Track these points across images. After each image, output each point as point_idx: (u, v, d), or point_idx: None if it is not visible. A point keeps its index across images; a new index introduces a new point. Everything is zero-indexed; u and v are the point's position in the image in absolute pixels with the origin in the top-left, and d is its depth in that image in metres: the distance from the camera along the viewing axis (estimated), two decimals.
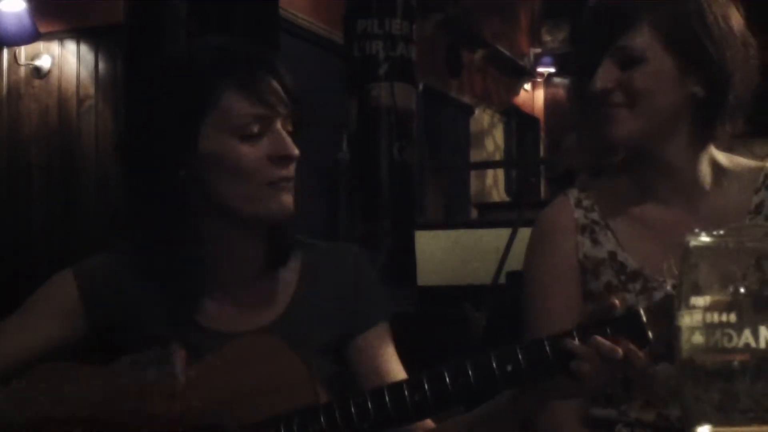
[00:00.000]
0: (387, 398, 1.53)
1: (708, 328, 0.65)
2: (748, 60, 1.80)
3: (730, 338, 0.64)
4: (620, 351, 1.44)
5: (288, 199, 1.70)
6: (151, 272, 1.74)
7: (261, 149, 1.68)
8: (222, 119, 1.67)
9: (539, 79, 13.04)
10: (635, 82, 1.76)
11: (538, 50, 12.67)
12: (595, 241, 1.85)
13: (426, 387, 1.52)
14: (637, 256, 1.82)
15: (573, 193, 1.92)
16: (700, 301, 0.65)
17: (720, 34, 1.75)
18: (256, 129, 1.68)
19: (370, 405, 1.54)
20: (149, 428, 1.60)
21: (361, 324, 1.81)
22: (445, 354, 1.89)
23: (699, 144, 1.83)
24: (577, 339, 1.47)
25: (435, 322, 1.81)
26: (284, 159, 1.69)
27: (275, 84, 1.70)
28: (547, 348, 1.49)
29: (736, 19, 1.80)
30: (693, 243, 0.67)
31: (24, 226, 6.61)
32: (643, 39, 1.75)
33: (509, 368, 1.49)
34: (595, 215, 1.88)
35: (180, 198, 1.70)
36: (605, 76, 1.77)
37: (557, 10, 12.30)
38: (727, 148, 1.90)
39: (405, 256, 5.11)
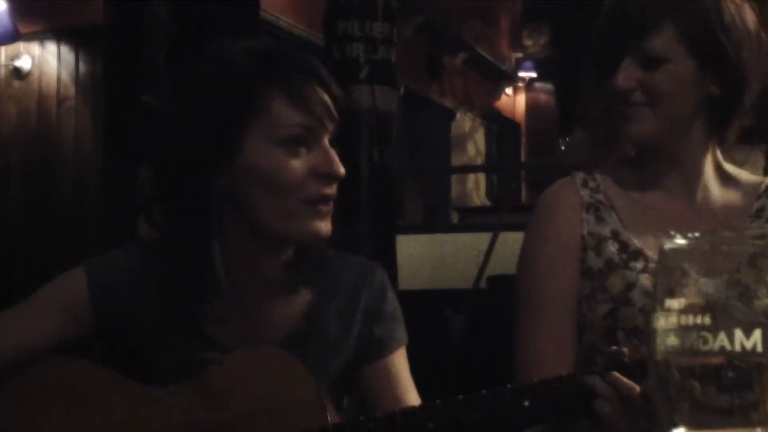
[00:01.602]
0: (400, 422, 1.50)
1: (683, 330, 0.65)
2: (762, 59, 1.83)
3: (705, 341, 0.64)
4: (638, 388, 1.42)
5: (325, 225, 1.63)
6: (166, 278, 1.68)
7: (305, 163, 1.60)
8: (268, 128, 1.59)
9: (521, 84, 13.07)
10: (657, 83, 1.78)
11: (520, 55, 12.70)
12: (599, 219, 1.87)
13: (440, 414, 1.49)
14: (639, 237, 1.84)
15: (579, 175, 1.94)
16: (674, 303, 0.65)
17: (737, 35, 1.79)
18: (302, 140, 1.60)
19: (381, 429, 1.50)
20: None
21: (380, 349, 1.76)
22: (424, 358, 1.88)
23: (709, 141, 1.87)
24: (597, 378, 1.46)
25: (414, 325, 1.80)
26: (328, 176, 1.62)
27: (324, 95, 1.63)
28: (566, 384, 1.47)
29: (751, 19, 1.83)
30: (668, 245, 0.67)
31: (2, 225, 6.57)
32: (665, 40, 1.77)
33: (526, 403, 1.47)
34: (600, 196, 1.90)
35: (212, 207, 1.62)
36: (627, 75, 1.79)
37: (538, 15, 12.33)
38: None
39: (386, 260, 5.11)
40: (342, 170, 1.63)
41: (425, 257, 6.20)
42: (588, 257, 1.85)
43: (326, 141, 1.64)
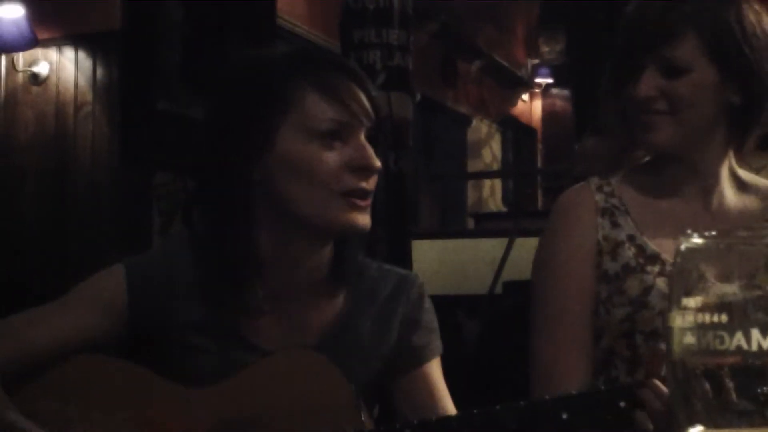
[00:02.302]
0: (435, 430, 1.50)
1: (699, 329, 0.65)
2: None
3: (722, 340, 0.64)
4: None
5: (362, 217, 1.62)
6: (205, 278, 1.68)
7: (341, 157, 1.60)
8: (302, 121, 1.60)
9: (537, 90, 13.05)
10: (679, 92, 1.78)
11: (536, 61, 12.68)
12: (614, 224, 1.87)
13: (477, 422, 1.48)
14: (655, 241, 1.84)
15: (594, 180, 1.94)
16: (691, 302, 0.65)
17: (758, 43, 1.78)
18: (337, 134, 1.60)
19: None
20: None
21: (417, 358, 1.75)
22: (441, 363, 1.88)
23: (727, 149, 1.87)
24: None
25: None
26: (365, 169, 1.61)
27: (360, 93, 1.64)
28: (605, 396, 1.47)
29: None
30: (685, 244, 0.67)
31: (18, 231, 6.60)
32: (688, 50, 1.77)
33: (564, 416, 1.46)
34: (615, 200, 1.89)
35: (249, 200, 1.63)
36: (648, 83, 1.79)
37: (554, 21, 12.32)
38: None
39: (400, 265, 5.11)
40: (378, 164, 1.62)
41: (441, 263, 6.19)
42: (604, 261, 1.84)
43: (362, 136, 1.63)
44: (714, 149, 1.85)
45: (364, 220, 1.63)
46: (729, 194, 1.88)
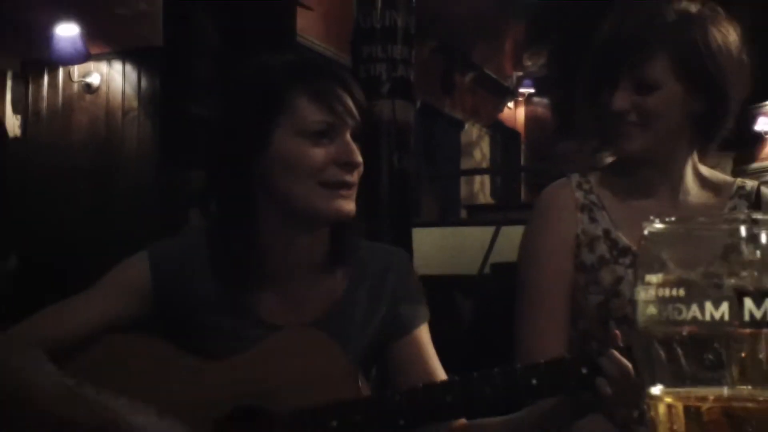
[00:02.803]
0: (421, 396, 1.48)
1: (660, 302, 0.65)
2: (743, 79, 1.79)
3: (680, 312, 0.64)
4: (631, 367, 1.41)
5: (346, 204, 1.61)
6: (216, 261, 1.66)
7: (328, 153, 1.59)
8: (294, 123, 1.59)
9: (521, 99, 13.03)
10: (650, 106, 1.74)
11: (520, 73, 12.66)
12: (592, 219, 1.84)
13: (458, 389, 1.47)
14: (627, 235, 1.81)
15: (574, 177, 1.90)
16: (653, 278, 0.65)
17: (722, 59, 1.74)
18: (324, 133, 1.60)
19: (405, 402, 1.48)
20: None
21: (406, 326, 1.72)
22: (435, 335, 1.87)
23: (692, 150, 1.84)
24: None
25: (428, 306, 1.80)
26: (348, 165, 1.60)
27: (346, 97, 1.62)
28: (569, 365, 1.46)
29: (734, 42, 1.78)
30: (649, 229, 0.67)
31: (72, 220, 6.60)
32: (658, 69, 1.73)
33: (534, 381, 1.45)
34: (593, 197, 1.86)
35: (250, 191, 1.62)
36: (622, 98, 1.75)
37: (537, 39, 12.29)
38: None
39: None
40: (359, 159, 1.62)
41: (438, 248, 6.18)
42: (582, 253, 1.81)
43: (347, 135, 1.62)
44: (680, 152, 1.82)
45: (348, 207, 1.61)
46: (693, 190, 1.85)
